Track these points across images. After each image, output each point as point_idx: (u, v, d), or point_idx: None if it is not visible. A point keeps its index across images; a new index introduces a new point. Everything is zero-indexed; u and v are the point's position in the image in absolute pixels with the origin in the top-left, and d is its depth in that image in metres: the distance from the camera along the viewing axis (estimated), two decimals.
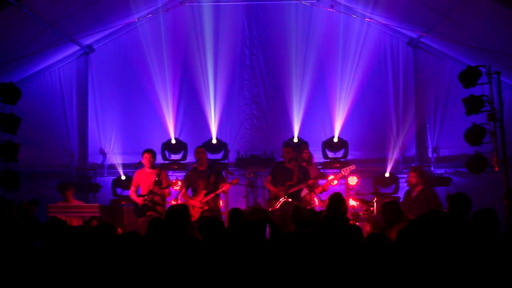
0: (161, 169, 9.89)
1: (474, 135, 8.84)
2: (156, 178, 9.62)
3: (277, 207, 9.30)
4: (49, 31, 9.68)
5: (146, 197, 9.51)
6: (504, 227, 7.86)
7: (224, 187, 9.64)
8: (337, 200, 6.32)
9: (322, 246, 5.32)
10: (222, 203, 10.29)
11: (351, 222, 6.83)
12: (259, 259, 5.02)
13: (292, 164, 9.63)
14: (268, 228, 6.07)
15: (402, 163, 11.40)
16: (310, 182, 9.51)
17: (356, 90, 11.35)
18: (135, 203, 9.73)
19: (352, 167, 9.98)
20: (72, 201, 9.84)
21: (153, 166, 9.81)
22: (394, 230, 6.06)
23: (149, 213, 9.46)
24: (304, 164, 9.96)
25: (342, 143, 11.05)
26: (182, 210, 5.90)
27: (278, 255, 5.25)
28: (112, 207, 10.60)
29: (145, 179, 9.77)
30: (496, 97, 8.81)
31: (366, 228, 8.98)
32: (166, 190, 9.72)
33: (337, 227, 5.71)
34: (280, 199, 9.33)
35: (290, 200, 9.19)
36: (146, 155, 9.77)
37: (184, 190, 9.83)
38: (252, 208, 8.94)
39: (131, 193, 9.91)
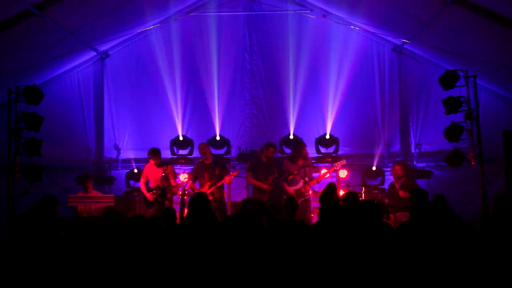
0: (167, 164, 9.98)
1: (452, 132, 8.87)
2: (163, 174, 9.73)
3: (266, 199, 9.40)
4: (68, 39, 9.66)
5: (154, 191, 9.65)
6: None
7: (226, 179, 9.70)
8: (331, 189, 6.31)
9: (320, 232, 5.41)
10: (226, 194, 10.31)
11: None
12: (259, 244, 5.06)
13: (269, 159, 9.82)
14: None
15: (388, 158, 11.42)
16: (296, 172, 9.61)
17: (346, 91, 11.36)
18: (145, 196, 9.85)
19: (343, 161, 10.03)
20: (91, 192, 9.88)
21: (160, 165, 9.91)
22: None
23: (157, 205, 9.62)
24: (300, 159, 9.99)
25: (334, 140, 11.07)
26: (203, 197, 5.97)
27: (275, 240, 5.35)
28: (126, 197, 10.64)
29: (153, 172, 9.91)
30: (472, 98, 8.83)
31: None
32: (174, 189, 9.84)
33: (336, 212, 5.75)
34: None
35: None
36: (151, 160, 9.98)
37: (191, 182, 9.90)
38: (251, 199, 8.99)
39: (141, 185, 10.03)
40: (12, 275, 4.38)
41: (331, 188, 6.19)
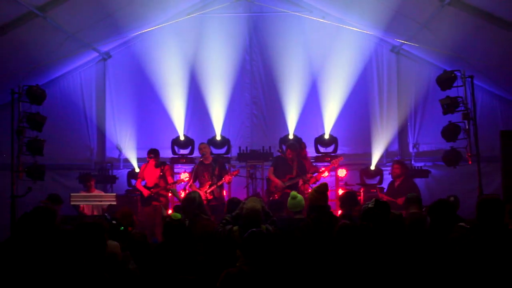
0: (165, 164, 10.04)
1: (450, 132, 8.90)
2: (161, 173, 9.80)
3: (277, 197, 9.38)
4: (71, 40, 9.70)
5: (152, 189, 9.71)
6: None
7: (226, 178, 9.71)
8: (324, 191, 6.25)
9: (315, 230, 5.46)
10: (226, 193, 10.34)
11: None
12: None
13: (290, 159, 9.73)
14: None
15: (386, 157, 11.44)
16: (308, 176, 9.60)
17: (345, 91, 11.31)
18: (141, 194, 9.90)
19: (341, 158, 10.07)
20: (93, 191, 9.97)
21: (158, 165, 9.97)
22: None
23: (154, 203, 9.70)
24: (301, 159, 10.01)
25: (333, 139, 11.07)
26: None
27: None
28: (127, 196, 10.66)
29: (150, 172, 9.96)
30: (469, 98, 8.85)
31: None
32: (173, 186, 9.92)
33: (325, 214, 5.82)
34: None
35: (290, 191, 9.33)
36: (152, 160, 9.98)
37: (191, 181, 9.92)
38: (251, 197, 8.99)
39: (138, 183, 10.08)
40: (15, 274, 4.39)
41: (323, 188, 6.15)
